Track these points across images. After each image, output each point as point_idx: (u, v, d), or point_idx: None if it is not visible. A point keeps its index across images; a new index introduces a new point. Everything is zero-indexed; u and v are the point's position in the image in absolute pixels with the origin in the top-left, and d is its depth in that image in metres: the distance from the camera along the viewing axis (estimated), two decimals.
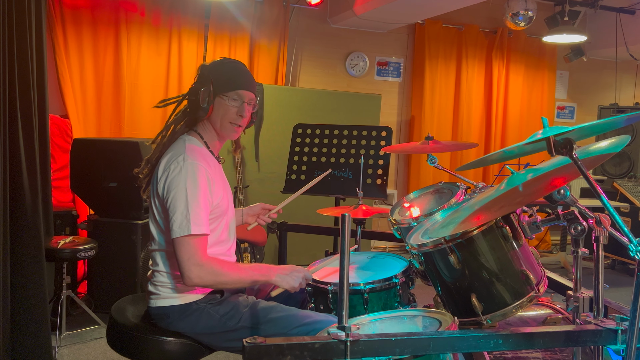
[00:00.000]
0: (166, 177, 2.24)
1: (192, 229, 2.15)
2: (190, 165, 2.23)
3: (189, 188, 2.19)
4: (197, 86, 2.35)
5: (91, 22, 5.66)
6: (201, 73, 2.39)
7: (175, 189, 2.20)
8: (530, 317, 2.45)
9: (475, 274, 2.00)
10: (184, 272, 2.15)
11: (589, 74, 8.44)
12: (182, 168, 2.22)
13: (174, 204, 2.19)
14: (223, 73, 2.39)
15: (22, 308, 3.28)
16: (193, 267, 2.14)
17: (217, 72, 2.38)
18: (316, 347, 1.47)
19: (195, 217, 2.17)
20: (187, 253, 2.15)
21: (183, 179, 2.20)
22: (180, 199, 2.18)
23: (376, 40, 7.22)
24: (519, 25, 6.89)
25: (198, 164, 2.25)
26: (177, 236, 2.16)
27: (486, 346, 1.60)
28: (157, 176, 2.29)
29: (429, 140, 3.21)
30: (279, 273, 2.32)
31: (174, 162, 2.25)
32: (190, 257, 2.15)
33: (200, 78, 2.38)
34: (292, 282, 2.32)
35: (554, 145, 1.59)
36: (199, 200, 2.20)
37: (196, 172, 2.23)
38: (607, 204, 1.55)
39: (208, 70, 2.38)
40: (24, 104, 3.45)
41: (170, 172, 2.23)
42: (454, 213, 2.23)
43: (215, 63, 2.42)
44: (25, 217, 3.33)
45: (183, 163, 2.23)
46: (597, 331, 1.62)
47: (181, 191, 2.19)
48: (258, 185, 6.01)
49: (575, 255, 1.79)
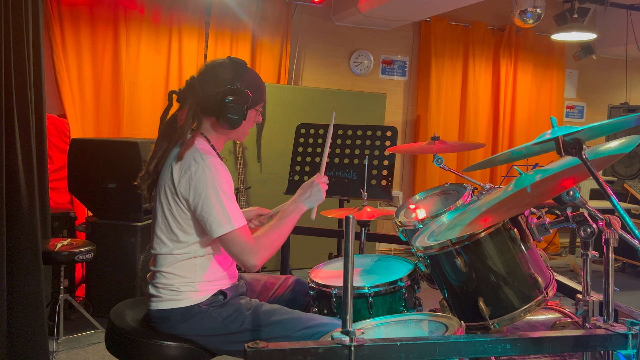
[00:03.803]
0: (189, 180, 2.21)
1: (234, 224, 2.19)
2: (210, 163, 2.22)
3: (217, 185, 2.20)
4: (235, 104, 2.29)
5: (89, 20, 5.64)
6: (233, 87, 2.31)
7: (206, 189, 2.19)
8: (539, 322, 2.43)
9: (483, 277, 1.98)
10: (246, 263, 2.22)
11: (599, 73, 8.41)
12: (205, 167, 2.20)
13: (207, 205, 2.19)
14: (256, 85, 2.39)
15: (19, 312, 3.27)
16: (252, 256, 2.21)
17: (249, 85, 2.35)
18: (320, 352, 1.47)
19: (232, 212, 2.20)
20: (240, 247, 2.21)
21: (210, 178, 2.19)
22: (214, 198, 2.18)
23: (381, 38, 7.20)
24: (527, 23, 6.84)
25: (215, 158, 2.26)
26: (222, 234, 2.19)
27: (493, 351, 1.58)
28: (173, 180, 2.25)
29: (435, 141, 3.24)
30: (303, 201, 2.39)
31: (192, 163, 2.22)
32: (245, 249, 2.21)
33: (234, 93, 2.30)
34: (319, 196, 2.40)
35: (563, 145, 1.59)
36: (228, 194, 2.23)
37: (217, 167, 2.23)
38: (617, 205, 1.55)
39: (239, 82, 2.32)
40: (21, 104, 3.43)
41: (192, 174, 2.21)
42: (461, 215, 2.23)
43: (242, 74, 2.35)
44: (22, 219, 3.31)
45: (203, 162, 2.21)
46: (607, 336, 1.61)
47: (212, 190, 2.19)
48: (260, 186, 6.00)
49: (584, 258, 1.78)
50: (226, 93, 2.29)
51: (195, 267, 2.29)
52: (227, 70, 2.34)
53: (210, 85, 2.32)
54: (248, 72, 2.38)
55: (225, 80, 2.31)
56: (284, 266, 4.08)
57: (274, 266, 6.10)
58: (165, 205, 2.29)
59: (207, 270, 2.31)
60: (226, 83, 2.31)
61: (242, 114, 2.31)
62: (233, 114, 2.29)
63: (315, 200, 2.39)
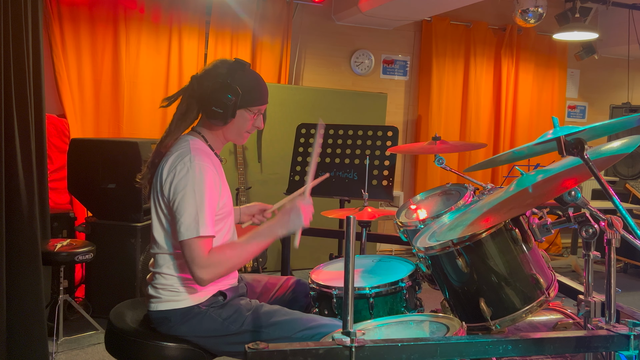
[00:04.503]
0: (172, 178, 2.20)
1: (200, 231, 2.13)
2: (198, 166, 2.19)
3: (196, 190, 2.16)
4: (220, 95, 2.27)
5: (89, 19, 5.63)
6: (223, 81, 2.29)
7: (183, 191, 2.16)
8: (540, 322, 2.42)
9: (484, 277, 1.98)
10: (194, 275, 2.14)
11: (601, 73, 8.39)
12: (190, 169, 2.18)
13: (181, 206, 2.16)
14: (251, 86, 2.34)
15: (18, 313, 3.27)
16: (200, 270, 2.12)
17: (244, 83, 2.31)
18: (320, 353, 1.47)
19: (202, 220, 2.14)
20: (190, 256, 2.13)
21: (191, 181, 2.17)
22: (188, 201, 2.15)
23: (382, 37, 7.19)
24: (529, 22, 6.83)
25: (205, 164, 2.22)
26: (185, 238, 2.13)
27: (495, 352, 1.58)
28: (162, 177, 2.25)
29: (436, 141, 3.23)
30: (280, 226, 2.25)
31: (180, 162, 2.21)
32: (194, 260, 2.12)
33: (223, 87, 2.28)
34: (298, 222, 2.24)
35: (565, 145, 1.58)
36: (206, 202, 2.17)
37: (203, 172, 2.19)
38: (619, 205, 1.55)
39: (231, 78, 2.30)
40: (20, 104, 3.43)
41: (177, 173, 2.19)
42: (462, 215, 2.22)
43: (238, 71, 2.33)
44: (22, 220, 3.31)
45: (190, 164, 2.19)
46: (609, 337, 1.61)
47: (189, 193, 2.16)
48: (260, 186, 6.00)
49: (586, 259, 1.78)
50: (214, 87, 2.27)
51: None
52: (224, 66, 2.33)
53: (205, 80, 2.32)
54: (245, 71, 2.35)
55: (219, 75, 2.30)
56: (284, 267, 4.07)
57: (275, 267, 6.10)
58: (158, 205, 2.29)
59: None
60: (218, 78, 2.29)
61: (227, 108, 2.26)
62: (217, 107, 2.26)
63: (293, 227, 2.24)
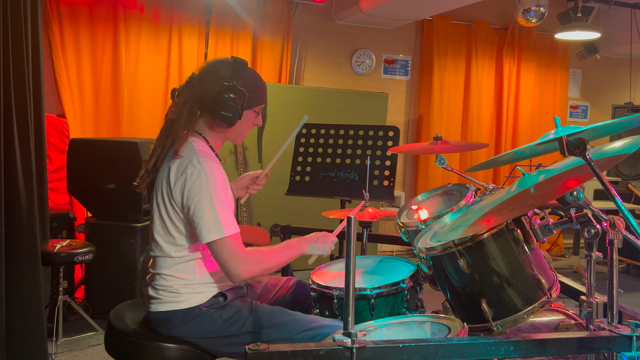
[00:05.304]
0: (184, 183, 2.19)
1: (225, 232, 2.15)
2: (208, 167, 2.19)
3: (212, 191, 2.17)
4: (229, 99, 2.26)
5: (89, 19, 5.63)
6: (230, 83, 2.28)
7: (199, 194, 2.17)
8: (542, 323, 2.43)
9: (486, 278, 1.98)
10: (231, 271, 2.17)
11: (603, 72, 8.38)
12: (201, 171, 2.18)
13: (200, 209, 2.16)
14: (255, 86, 2.35)
15: (18, 313, 3.27)
16: (239, 264, 2.16)
17: (248, 84, 2.32)
18: (321, 354, 1.47)
19: (224, 219, 2.16)
20: (229, 253, 2.16)
21: (205, 183, 2.17)
22: (206, 203, 2.16)
23: (383, 37, 7.18)
24: (531, 22, 6.83)
25: (214, 164, 2.23)
26: (211, 240, 2.15)
27: (497, 353, 1.58)
28: (170, 182, 2.23)
29: (437, 141, 3.22)
30: (309, 243, 2.41)
31: (190, 166, 2.20)
32: (233, 256, 2.16)
33: (231, 90, 2.27)
34: (324, 247, 2.44)
35: (567, 145, 1.58)
36: (223, 201, 2.19)
37: (214, 172, 2.20)
38: (621, 206, 1.54)
39: (237, 80, 2.29)
40: (20, 103, 3.42)
41: (188, 177, 2.19)
42: (464, 216, 2.21)
43: (242, 73, 2.32)
44: (21, 220, 3.31)
45: (200, 166, 2.19)
46: (611, 337, 1.61)
47: (205, 195, 2.16)
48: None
49: (588, 259, 1.79)
50: (222, 90, 2.26)
51: (194, 268, 2.28)
52: (226, 67, 2.32)
53: (208, 82, 2.30)
54: (248, 71, 2.35)
55: (223, 77, 2.29)
56: (285, 267, 4.05)
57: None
58: (162, 207, 2.28)
59: (206, 271, 2.29)
60: (223, 80, 2.28)
61: (236, 112, 2.27)
62: (227, 111, 2.26)
63: (319, 249, 2.43)
